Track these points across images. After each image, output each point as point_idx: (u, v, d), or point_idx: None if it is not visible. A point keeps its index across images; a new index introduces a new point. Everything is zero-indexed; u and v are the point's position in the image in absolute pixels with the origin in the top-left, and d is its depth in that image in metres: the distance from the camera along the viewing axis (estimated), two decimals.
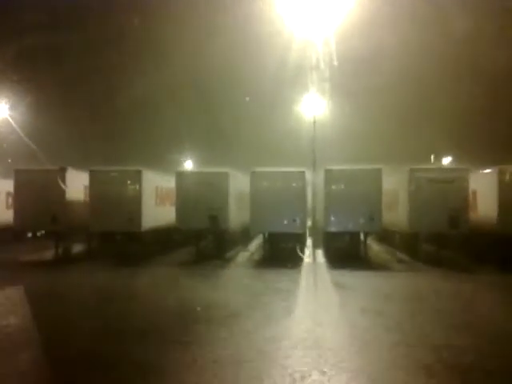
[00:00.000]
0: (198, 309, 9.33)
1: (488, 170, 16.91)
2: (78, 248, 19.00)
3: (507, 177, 15.82)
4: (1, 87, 26.45)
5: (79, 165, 19.20)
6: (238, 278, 14.09)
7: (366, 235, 17.53)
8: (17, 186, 17.53)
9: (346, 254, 17.46)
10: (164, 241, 19.51)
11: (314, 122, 21.49)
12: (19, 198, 17.38)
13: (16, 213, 17.41)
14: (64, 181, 17.18)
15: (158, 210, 18.95)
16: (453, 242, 17.37)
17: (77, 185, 17.91)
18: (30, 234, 17.94)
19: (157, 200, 19.05)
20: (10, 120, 24.75)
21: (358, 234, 17.55)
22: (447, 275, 13.85)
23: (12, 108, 26.36)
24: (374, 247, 20.18)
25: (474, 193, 17.00)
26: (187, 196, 17.45)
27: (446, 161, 33.63)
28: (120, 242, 17.49)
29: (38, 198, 16.87)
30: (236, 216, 18.44)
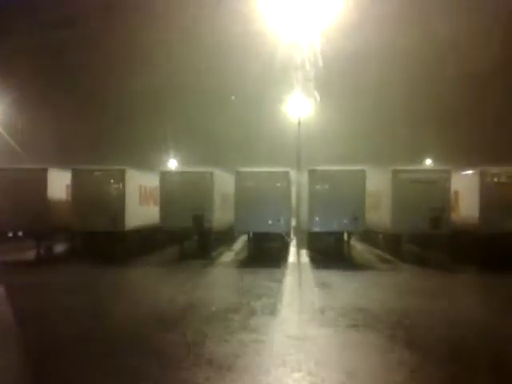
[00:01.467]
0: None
1: (470, 172, 17.15)
2: (60, 248, 18.77)
3: (488, 178, 16.09)
4: None
5: (63, 164, 19.02)
6: (221, 277, 14.08)
7: (349, 235, 17.67)
8: None
9: (329, 253, 17.56)
10: (148, 240, 19.38)
11: (299, 123, 21.57)
12: (1, 197, 17.08)
13: None
14: (45, 180, 16.98)
15: (141, 209, 18.83)
16: (435, 242, 17.57)
17: (59, 184, 17.69)
18: (10, 234, 17.64)
19: (141, 199, 18.92)
20: None
21: (341, 234, 17.67)
22: (428, 274, 14.08)
23: None
24: (358, 247, 20.33)
25: (456, 193, 17.23)
26: (171, 195, 17.40)
27: (428, 162, 34.12)
28: (103, 241, 17.29)
29: (20, 198, 16.62)
30: (221, 215, 18.41)
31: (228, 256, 18.10)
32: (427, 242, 17.38)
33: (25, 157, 24.98)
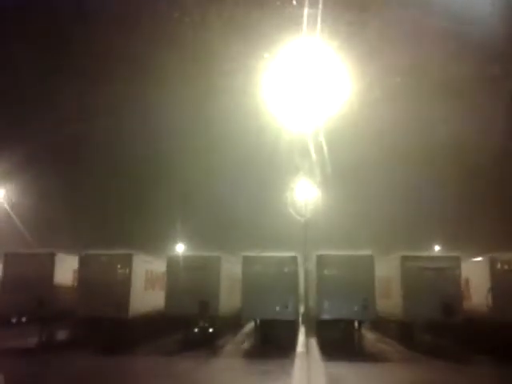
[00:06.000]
0: None
1: (479, 259, 16.96)
2: (63, 335, 18.26)
3: (498, 265, 15.87)
4: None
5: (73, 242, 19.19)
6: (226, 370, 13.50)
7: (359, 323, 17.08)
8: (5, 270, 17.25)
9: (340, 343, 16.86)
10: (152, 327, 18.82)
11: (305, 207, 21.83)
12: (7, 282, 17.02)
13: (3, 296, 16.97)
14: (53, 265, 16.99)
15: (147, 295, 18.53)
16: (448, 331, 16.95)
17: (66, 269, 17.66)
18: (14, 320, 17.31)
19: (147, 285, 18.69)
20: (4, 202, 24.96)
21: (352, 323, 17.06)
22: (442, 366, 13.47)
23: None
24: (369, 336, 19.56)
25: (467, 281, 16.91)
26: (177, 281, 17.18)
27: (437, 248, 33.95)
28: (106, 328, 16.81)
29: (26, 282, 16.49)
30: (227, 301, 18.04)
31: (233, 345, 17.48)
32: (440, 331, 16.75)
33: (31, 240, 25.14)
